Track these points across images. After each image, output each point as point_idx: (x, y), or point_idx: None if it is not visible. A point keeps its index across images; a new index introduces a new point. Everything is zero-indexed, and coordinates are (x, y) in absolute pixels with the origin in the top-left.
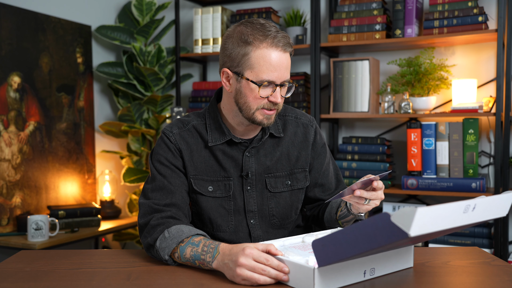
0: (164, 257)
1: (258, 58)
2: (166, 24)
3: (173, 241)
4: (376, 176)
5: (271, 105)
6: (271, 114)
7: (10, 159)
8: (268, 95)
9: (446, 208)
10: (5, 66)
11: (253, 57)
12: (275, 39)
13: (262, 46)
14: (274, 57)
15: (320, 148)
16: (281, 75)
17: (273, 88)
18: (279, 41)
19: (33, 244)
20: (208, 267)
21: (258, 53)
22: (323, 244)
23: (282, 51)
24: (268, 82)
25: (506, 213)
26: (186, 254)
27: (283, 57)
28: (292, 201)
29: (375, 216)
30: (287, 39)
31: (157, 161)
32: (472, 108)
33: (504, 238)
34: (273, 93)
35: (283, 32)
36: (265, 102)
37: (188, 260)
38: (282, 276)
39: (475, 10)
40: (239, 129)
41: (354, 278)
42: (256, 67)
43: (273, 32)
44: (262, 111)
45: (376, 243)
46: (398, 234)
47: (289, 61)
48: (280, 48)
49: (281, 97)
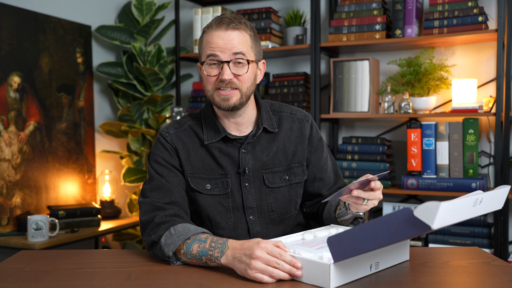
0: (168, 253)
1: (204, 41)
2: (166, 24)
3: (180, 238)
4: (374, 176)
5: (221, 83)
6: (226, 94)
7: (10, 159)
8: (217, 73)
9: (462, 202)
10: (5, 66)
11: (203, 43)
12: (220, 21)
13: (208, 30)
14: (215, 35)
15: (316, 142)
16: (226, 50)
17: (220, 66)
18: (223, 20)
19: (33, 244)
20: (216, 262)
21: (205, 38)
22: (338, 240)
23: (224, 29)
24: (211, 57)
25: (502, 206)
26: (193, 251)
27: (226, 34)
28: (291, 196)
29: (396, 212)
30: (236, 20)
31: (154, 161)
32: (472, 108)
33: (504, 238)
34: (221, 70)
35: (240, 16)
36: (217, 82)
37: (194, 256)
38: (295, 271)
39: (475, 10)
40: (228, 123)
41: (363, 272)
42: (203, 49)
43: (222, 17)
44: (217, 92)
45: (397, 237)
46: (420, 228)
47: (236, 38)
48: (223, 27)
49: (235, 76)
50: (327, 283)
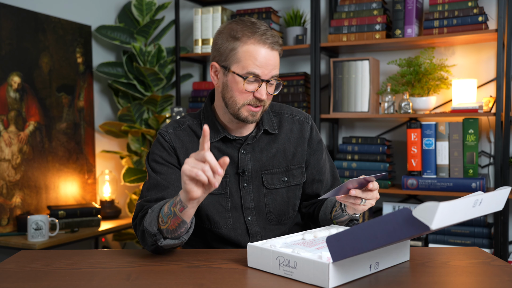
0: (153, 230)
1: (245, 52)
2: (166, 24)
3: (155, 211)
4: (371, 177)
5: (256, 101)
6: (256, 111)
7: (10, 159)
8: (253, 90)
9: (461, 202)
10: (5, 66)
11: (240, 52)
12: (263, 36)
13: (250, 42)
14: (260, 53)
15: (316, 144)
16: (268, 71)
17: (259, 83)
18: (267, 38)
19: (33, 244)
20: (179, 203)
21: (245, 48)
22: (338, 240)
23: (270, 48)
24: (254, 75)
25: (502, 207)
26: (164, 210)
27: (270, 54)
28: (289, 198)
29: (395, 212)
30: (275, 38)
31: (152, 160)
32: (472, 108)
33: (504, 238)
34: (258, 88)
35: (273, 31)
36: (251, 98)
37: (168, 215)
38: (214, 181)
39: (475, 10)
40: (231, 126)
41: (362, 272)
42: (243, 61)
43: (262, 30)
44: (247, 107)
45: (396, 237)
46: (419, 228)
47: (276, 59)
48: (267, 45)
49: (268, 94)
50: (326, 283)
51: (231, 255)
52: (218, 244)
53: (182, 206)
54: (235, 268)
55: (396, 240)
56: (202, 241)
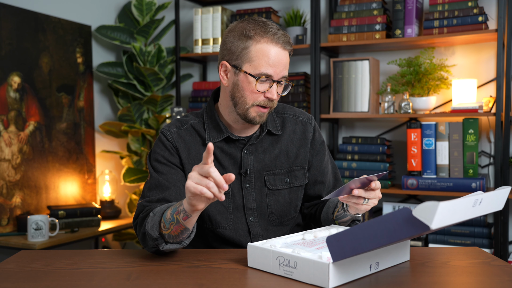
0: (155, 235)
1: (257, 52)
2: (166, 24)
3: (157, 215)
4: (374, 176)
5: (266, 101)
6: (265, 112)
7: (10, 159)
8: (265, 90)
9: (461, 202)
10: (5, 66)
11: (253, 51)
12: (275, 35)
13: (263, 41)
14: (273, 52)
15: (319, 146)
16: (279, 71)
17: (270, 83)
18: (279, 38)
19: (33, 244)
20: (183, 211)
21: (258, 47)
22: (338, 240)
23: (282, 48)
24: (266, 76)
25: (502, 207)
26: (167, 216)
27: (282, 54)
28: (291, 199)
29: (395, 211)
30: (287, 37)
31: (154, 160)
32: (472, 108)
33: (504, 238)
34: (269, 88)
35: (284, 31)
36: (261, 98)
37: (170, 221)
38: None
39: (475, 10)
40: (235, 126)
41: (362, 272)
42: (255, 61)
43: (274, 29)
44: (257, 108)
45: (396, 237)
46: (419, 228)
47: (287, 59)
48: (280, 44)
49: (277, 95)
50: (326, 283)
51: (231, 255)
52: (219, 244)
53: (186, 215)
54: (235, 268)
55: (396, 240)
56: (203, 241)
